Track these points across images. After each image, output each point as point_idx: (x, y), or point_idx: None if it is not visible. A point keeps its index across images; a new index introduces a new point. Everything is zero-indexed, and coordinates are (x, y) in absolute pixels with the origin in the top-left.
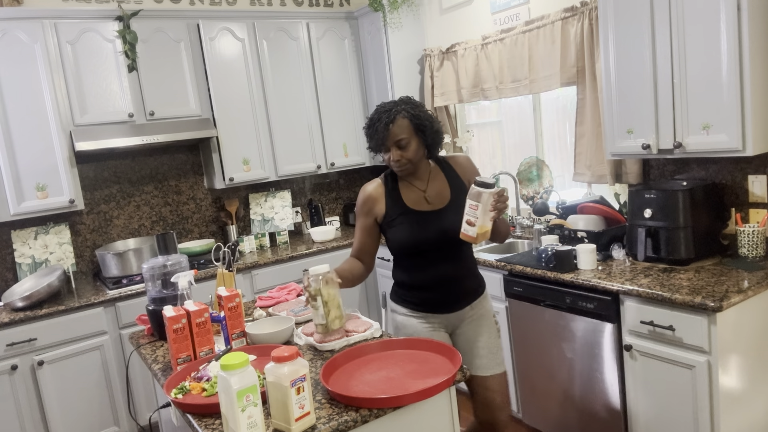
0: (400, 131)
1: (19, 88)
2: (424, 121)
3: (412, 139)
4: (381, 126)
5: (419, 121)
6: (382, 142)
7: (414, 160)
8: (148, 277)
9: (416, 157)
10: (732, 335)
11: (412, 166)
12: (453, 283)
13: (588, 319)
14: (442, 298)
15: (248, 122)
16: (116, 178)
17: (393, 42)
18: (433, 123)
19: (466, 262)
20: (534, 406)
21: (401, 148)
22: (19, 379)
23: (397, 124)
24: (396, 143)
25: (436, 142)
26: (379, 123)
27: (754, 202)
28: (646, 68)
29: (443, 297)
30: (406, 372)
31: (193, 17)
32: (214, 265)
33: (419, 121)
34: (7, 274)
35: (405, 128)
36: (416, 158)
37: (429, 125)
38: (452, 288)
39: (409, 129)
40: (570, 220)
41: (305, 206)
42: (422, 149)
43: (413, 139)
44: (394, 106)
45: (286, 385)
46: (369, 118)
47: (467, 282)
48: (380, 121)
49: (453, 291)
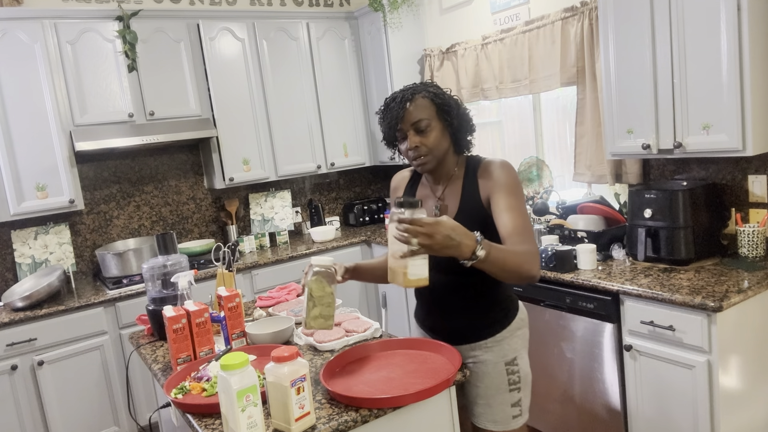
0: (420, 112)
1: (19, 88)
2: (449, 101)
3: (433, 122)
4: (396, 104)
5: (443, 101)
6: (397, 123)
7: (435, 149)
8: (148, 277)
9: (438, 146)
10: (732, 335)
11: (433, 158)
12: (453, 314)
13: (588, 319)
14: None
15: (248, 122)
16: (116, 178)
17: (393, 42)
18: (459, 106)
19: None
20: (534, 406)
21: (420, 132)
22: (19, 379)
23: (417, 103)
24: (414, 126)
25: (463, 130)
26: (394, 102)
27: (754, 202)
28: (646, 68)
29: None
30: (406, 372)
31: (193, 17)
32: (214, 265)
33: (443, 101)
34: (7, 274)
35: (425, 108)
36: (438, 148)
37: (456, 107)
38: (453, 319)
39: (431, 110)
40: (570, 220)
41: (305, 206)
42: (446, 139)
43: (435, 122)
44: (415, 86)
45: (286, 385)
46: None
47: (469, 318)
48: (395, 99)
49: (453, 322)
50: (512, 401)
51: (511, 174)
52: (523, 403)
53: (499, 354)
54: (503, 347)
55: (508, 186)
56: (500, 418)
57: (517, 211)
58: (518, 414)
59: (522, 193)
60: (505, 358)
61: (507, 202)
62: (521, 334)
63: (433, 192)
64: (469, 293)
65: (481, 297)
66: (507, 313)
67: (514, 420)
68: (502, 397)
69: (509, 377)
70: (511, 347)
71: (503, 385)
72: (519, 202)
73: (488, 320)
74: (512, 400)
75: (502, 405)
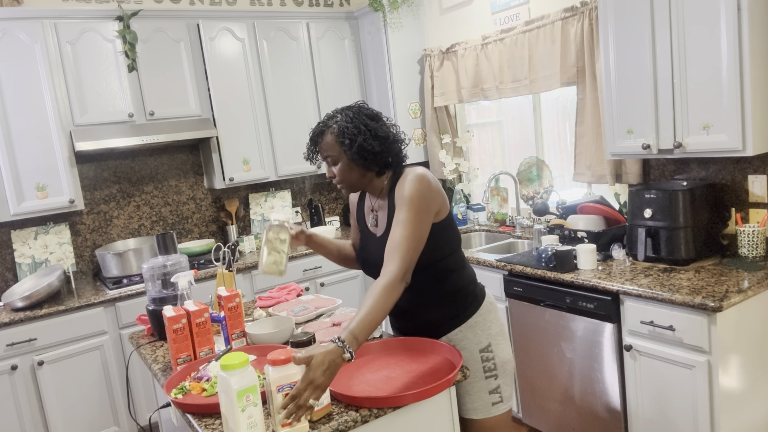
0: (327, 148)
1: (19, 88)
2: (357, 138)
3: (340, 157)
4: (312, 138)
5: (345, 136)
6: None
7: (345, 179)
8: (148, 277)
9: (346, 176)
10: (732, 335)
11: (345, 185)
12: (409, 313)
13: (588, 319)
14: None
15: (248, 122)
16: (116, 178)
17: (393, 42)
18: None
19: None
20: (534, 406)
21: (332, 165)
22: (19, 379)
23: (325, 140)
24: (325, 159)
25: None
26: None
27: (754, 202)
28: (646, 68)
29: (406, 326)
30: (406, 371)
31: (193, 17)
32: (214, 265)
33: (345, 136)
34: (7, 274)
35: (331, 146)
36: (347, 178)
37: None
38: (410, 319)
39: (336, 147)
40: (570, 220)
41: (305, 206)
42: (354, 169)
43: (341, 156)
44: (326, 121)
45: (272, 390)
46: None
47: (430, 313)
48: (313, 133)
49: (413, 321)
50: (489, 388)
51: (413, 186)
52: (502, 390)
53: (473, 341)
54: (476, 333)
55: (406, 199)
56: (479, 406)
57: (400, 225)
58: (498, 401)
59: (422, 204)
60: (479, 345)
61: (398, 216)
62: (492, 318)
63: (372, 205)
64: (422, 291)
65: (434, 292)
66: (473, 299)
67: (494, 407)
68: (479, 384)
69: (484, 364)
70: (485, 333)
71: (479, 372)
72: (410, 214)
73: (453, 309)
74: (489, 387)
75: (480, 392)
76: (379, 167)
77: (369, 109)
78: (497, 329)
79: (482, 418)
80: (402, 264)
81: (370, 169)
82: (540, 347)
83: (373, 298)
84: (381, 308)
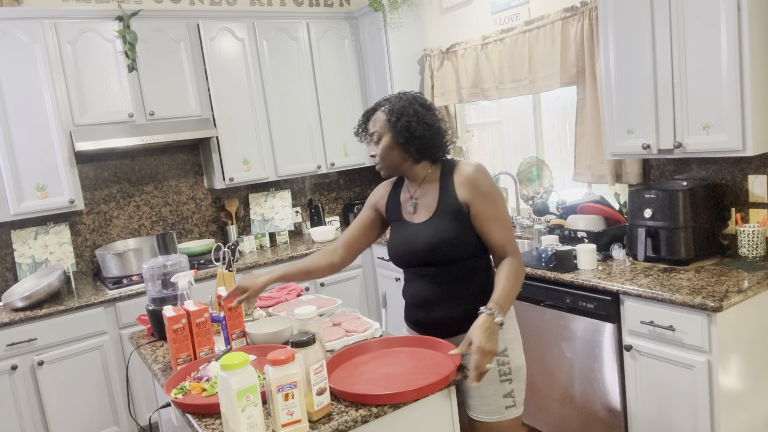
0: (373, 125)
1: (19, 88)
2: (402, 118)
3: (384, 135)
4: (364, 115)
5: (397, 117)
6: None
7: (385, 158)
8: (148, 277)
9: (386, 156)
10: (732, 335)
11: (384, 165)
12: (434, 305)
13: (588, 319)
14: (426, 320)
15: (248, 122)
16: (116, 178)
17: (393, 42)
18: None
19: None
20: (534, 406)
21: (376, 143)
22: (19, 379)
23: (375, 117)
24: (371, 136)
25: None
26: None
27: (754, 202)
28: (646, 68)
29: (426, 319)
30: (406, 369)
31: (193, 17)
32: (214, 265)
33: (397, 117)
34: (7, 274)
35: (378, 122)
36: (387, 158)
37: (400, 117)
38: (433, 311)
39: (384, 124)
40: (570, 220)
41: (305, 206)
42: (396, 150)
43: (386, 135)
44: (385, 99)
45: (273, 390)
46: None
47: (453, 309)
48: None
49: (434, 314)
50: (504, 392)
51: (488, 179)
52: (516, 394)
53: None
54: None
55: (488, 194)
56: (493, 409)
57: (500, 221)
58: (512, 405)
59: (500, 195)
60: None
61: (491, 212)
62: (510, 324)
63: (410, 193)
64: (451, 284)
65: (463, 287)
66: None
67: (508, 410)
68: (494, 387)
69: (500, 368)
70: (502, 338)
71: (494, 375)
72: (501, 208)
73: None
74: (504, 391)
75: (495, 395)
76: (418, 153)
77: (423, 99)
78: (513, 335)
79: (495, 421)
80: (519, 253)
81: (409, 153)
82: (540, 347)
83: (508, 274)
84: (516, 283)
